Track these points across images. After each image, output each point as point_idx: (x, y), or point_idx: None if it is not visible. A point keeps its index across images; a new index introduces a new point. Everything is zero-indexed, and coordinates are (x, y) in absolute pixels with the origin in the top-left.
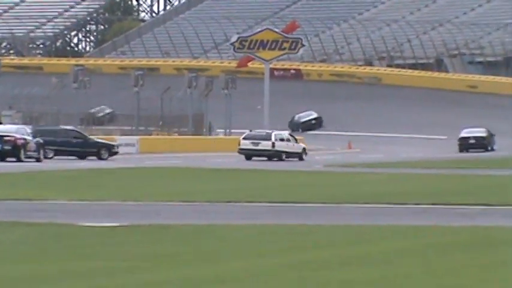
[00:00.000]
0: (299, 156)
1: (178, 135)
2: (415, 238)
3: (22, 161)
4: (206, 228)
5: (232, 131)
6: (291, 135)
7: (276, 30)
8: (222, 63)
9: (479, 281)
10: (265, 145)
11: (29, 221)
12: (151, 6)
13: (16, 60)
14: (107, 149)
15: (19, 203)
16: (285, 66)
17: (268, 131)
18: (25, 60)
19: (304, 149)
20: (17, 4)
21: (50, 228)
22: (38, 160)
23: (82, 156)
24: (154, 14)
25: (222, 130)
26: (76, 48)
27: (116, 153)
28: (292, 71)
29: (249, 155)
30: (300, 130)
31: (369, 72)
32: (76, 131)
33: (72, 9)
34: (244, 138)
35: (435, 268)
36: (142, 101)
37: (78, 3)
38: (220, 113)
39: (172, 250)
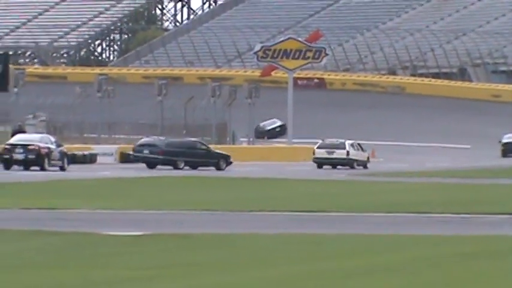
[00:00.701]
0: (364, 164)
1: None
2: (436, 247)
3: (46, 170)
4: (228, 238)
5: (256, 140)
6: (358, 144)
7: (300, 39)
8: (245, 72)
9: None
10: (339, 154)
11: (52, 229)
12: (174, 15)
13: (40, 70)
14: (225, 160)
15: (43, 211)
16: (309, 76)
17: (341, 140)
18: (49, 70)
19: (368, 157)
20: (40, 13)
21: (74, 237)
22: (62, 169)
23: (204, 166)
24: (177, 24)
25: (245, 139)
26: (100, 58)
27: (231, 163)
28: (316, 80)
29: (324, 163)
30: (266, 138)
31: (392, 82)
32: (201, 142)
33: (96, 19)
34: (318, 148)
35: (456, 277)
36: (166, 110)
37: (102, 13)
38: (244, 122)
39: (194, 259)
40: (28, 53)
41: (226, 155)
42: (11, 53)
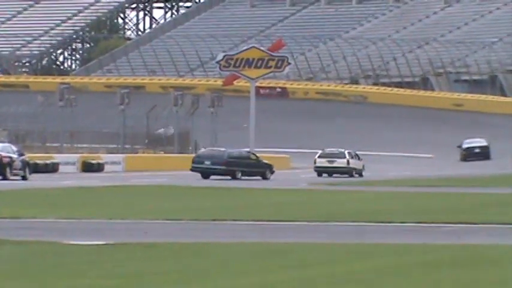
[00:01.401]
0: (360, 172)
1: (164, 153)
2: (401, 256)
3: (8, 179)
4: (192, 247)
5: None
6: (356, 153)
7: (262, 48)
8: (208, 81)
9: None
10: (340, 163)
11: (15, 239)
12: (137, 24)
13: (2, 78)
14: (270, 169)
15: (6, 221)
16: (271, 85)
17: (341, 150)
18: (11, 78)
19: (363, 166)
20: (3, 22)
21: (37, 247)
22: (24, 178)
23: (253, 175)
24: (140, 33)
25: (208, 148)
26: (62, 67)
27: (274, 172)
28: (278, 90)
29: (325, 172)
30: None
31: (354, 91)
32: (252, 153)
33: (58, 28)
34: (319, 157)
35: (422, 286)
36: (128, 119)
37: (64, 22)
38: (207, 131)
39: (158, 268)
40: None
41: (271, 165)
42: None
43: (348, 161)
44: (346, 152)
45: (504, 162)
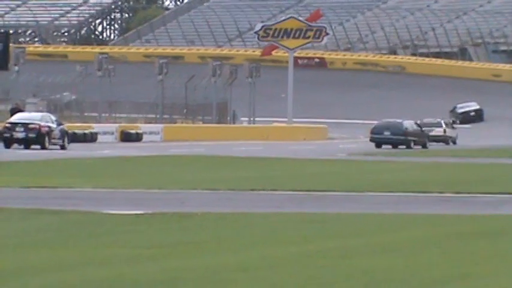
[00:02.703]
0: (454, 140)
1: (203, 123)
2: (438, 227)
3: (47, 149)
4: (229, 217)
5: (256, 119)
6: (452, 122)
7: (300, 18)
8: (246, 51)
9: (500, 269)
10: (438, 131)
11: (53, 208)
12: None
13: (41, 48)
14: (427, 138)
15: (44, 190)
16: (309, 55)
17: (438, 119)
18: (50, 48)
19: (457, 134)
20: None
21: (74, 216)
22: (63, 147)
23: (417, 144)
24: (178, 2)
25: (246, 119)
26: (100, 37)
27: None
28: (316, 60)
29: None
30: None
31: (393, 61)
32: (417, 124)
33: None
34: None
35: (457, 257)
36: (167, 89)
37: None
38: (244, 101)
39: (195, 238)
40: (29, 31)
41: (428, 135)
42: (11, 31)
43: (444, 130)
44: (442, 121)
45: None
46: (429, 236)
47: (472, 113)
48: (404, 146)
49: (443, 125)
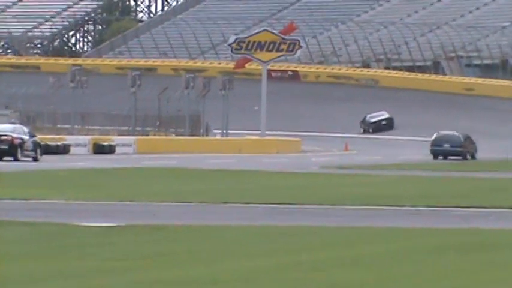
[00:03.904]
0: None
1: (176, 135)
2: (409, 240)
3: (19, 160)
4: (201, 229)
5: (229, 131)
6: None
7: (274, 31)
8: (219, 64)
9: (472, 283)
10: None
11: (25, 220)
12: (149, 6)
13: (13, 60)
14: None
15: (16, 202)
16: (283, 68)
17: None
18: (22, 60)
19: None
20: (14, 3)
21: (46, 228)
22: (35, 159)
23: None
24: (152, 14)
25: (219, 131)
26: (74, 48)
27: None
28: (290, 73)
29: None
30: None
31: (366, 74)
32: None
33: (70, 9)
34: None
35: (428, 270)
36: (140, 101)
37: (76, 3)
38: (218, 113)
39: (167, 250)
40: (1, 42)
41: (476, 147)
42: None
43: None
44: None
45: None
46: (401, 249)
47: (384, 122)
48: (460, 157)
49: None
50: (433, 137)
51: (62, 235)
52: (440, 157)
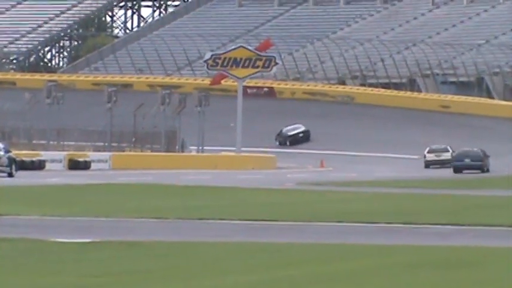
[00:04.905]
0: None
1: (151, 151)
2: (386, 257)
3: None
4: (177, 245)
5: (205, 148)
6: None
7: (250, 48)
8: (195, 80)
9: None
10: (446, 156)
11: (1, 236)
12: (125, 22)
13: None
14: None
15: None
16: (258, 84)
17: (445, 146)
18: None
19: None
20: None
21: (22, 244)
22: (10, 175)
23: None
24: (128, 31)
25: (194, 147)
26: (49, 64)
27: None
28: (266, 89)
29: (434, 164)
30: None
31: (341, 91)
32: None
33: (46, 25)
34: (428, 152)
35: (405, 287)
36: (115, 117)
37: (52, 19)
38: (194, 130)
39: (143, 267)
40: None
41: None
42: None
43: (451, 154)
44: (448, 147)
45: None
46: (377, 266)
47: (301, 135)
48: (479, 171)
49: (450, 150)
50: (454, 153)
51: (38, 251)
52: (464, 171)
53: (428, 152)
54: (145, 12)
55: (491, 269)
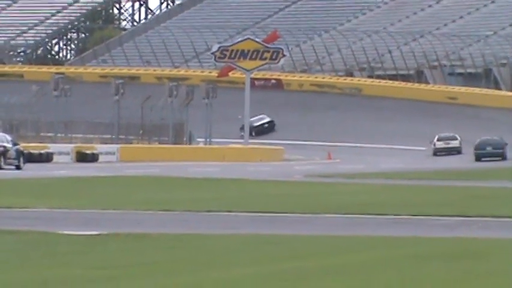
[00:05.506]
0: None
1: (159, 144)
2: (393, 248)
3: (2, 169)
4: (185, 238)
5: (213, 140)
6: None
7: (257, 40)
8: (202, 72)
9: None
10: (454, 143)
11: (8, 228)
12: (132, 14)
13: None
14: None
15: None
16: (266, 76)
17: (453, 134)
18: (5, 68)
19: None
20: None
21: (30, 236)
22: (18, 167)
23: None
24: (135, 23)
25: (202, 139)
26: (57, 56)
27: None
28: (273, 81)
29: (443, 151)
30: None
31: (349, 83)
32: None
33: (53, 17)
34: (438, 140)
35: (413, 278)
36: (123, 109)
37: (59, 11)
38: (201, 122)
39: (151, 259)
40: None
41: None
42: None
43: (460, 141)
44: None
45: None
46: (385, 258)
47: (266, 125)
48: (500, 158)
49: (458, 138)
50: (476, 142)
51: (46, 243)
52: (485, 159)
53: (437, 140)
54: (153, 4)
55: (499, 260)
